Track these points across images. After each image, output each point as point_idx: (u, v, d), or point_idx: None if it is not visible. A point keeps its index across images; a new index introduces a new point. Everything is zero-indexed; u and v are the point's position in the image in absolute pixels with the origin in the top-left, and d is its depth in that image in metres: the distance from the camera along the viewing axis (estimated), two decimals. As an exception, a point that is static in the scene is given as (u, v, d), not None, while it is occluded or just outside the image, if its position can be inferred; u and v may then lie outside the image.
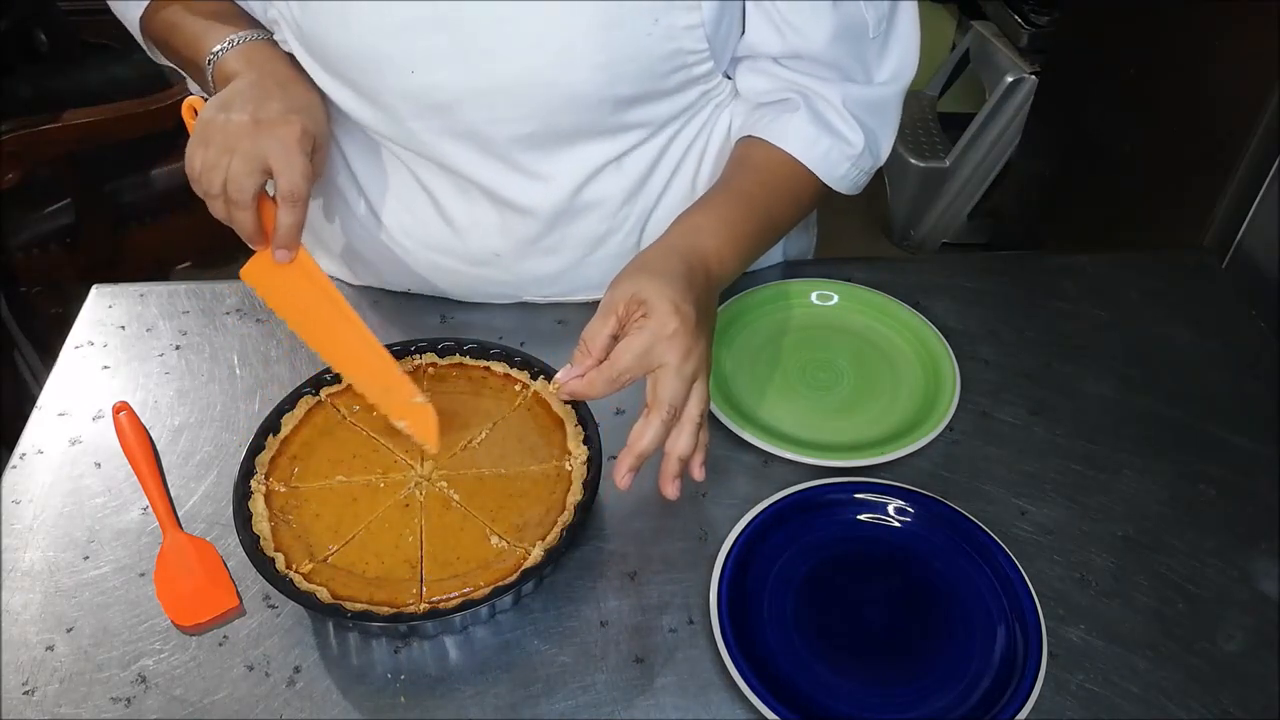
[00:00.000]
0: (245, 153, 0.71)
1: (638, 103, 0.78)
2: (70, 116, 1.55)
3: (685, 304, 0.66)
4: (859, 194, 0.86)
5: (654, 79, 0.76)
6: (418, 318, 0.91)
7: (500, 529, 0.69)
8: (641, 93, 0.77)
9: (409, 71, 0.74)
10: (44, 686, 0.64)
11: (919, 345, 0.88)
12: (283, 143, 0.72)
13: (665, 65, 0.76)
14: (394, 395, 0.74)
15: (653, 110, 0.80)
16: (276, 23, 0.79)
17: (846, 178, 0.83)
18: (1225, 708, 0.63)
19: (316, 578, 0.65)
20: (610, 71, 0.73)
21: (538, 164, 0.80)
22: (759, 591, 0.69)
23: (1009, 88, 2.13)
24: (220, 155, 0.72)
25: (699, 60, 0.77)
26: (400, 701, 0.63)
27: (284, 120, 0.73)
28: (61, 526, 0.73)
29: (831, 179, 0.82)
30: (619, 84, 0.75)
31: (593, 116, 0.77)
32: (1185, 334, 0.91)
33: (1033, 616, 0.66)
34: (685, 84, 0.79)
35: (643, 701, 0.63)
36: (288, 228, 0.73)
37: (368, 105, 0.78)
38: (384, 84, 0.76)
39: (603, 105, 0.76)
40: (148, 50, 0.90)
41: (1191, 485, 0.77)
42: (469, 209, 0.84)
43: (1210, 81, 1.44)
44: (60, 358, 0.88)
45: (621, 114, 0.78)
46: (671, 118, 0.82)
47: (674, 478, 0.65)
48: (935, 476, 0.77)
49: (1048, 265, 0.99)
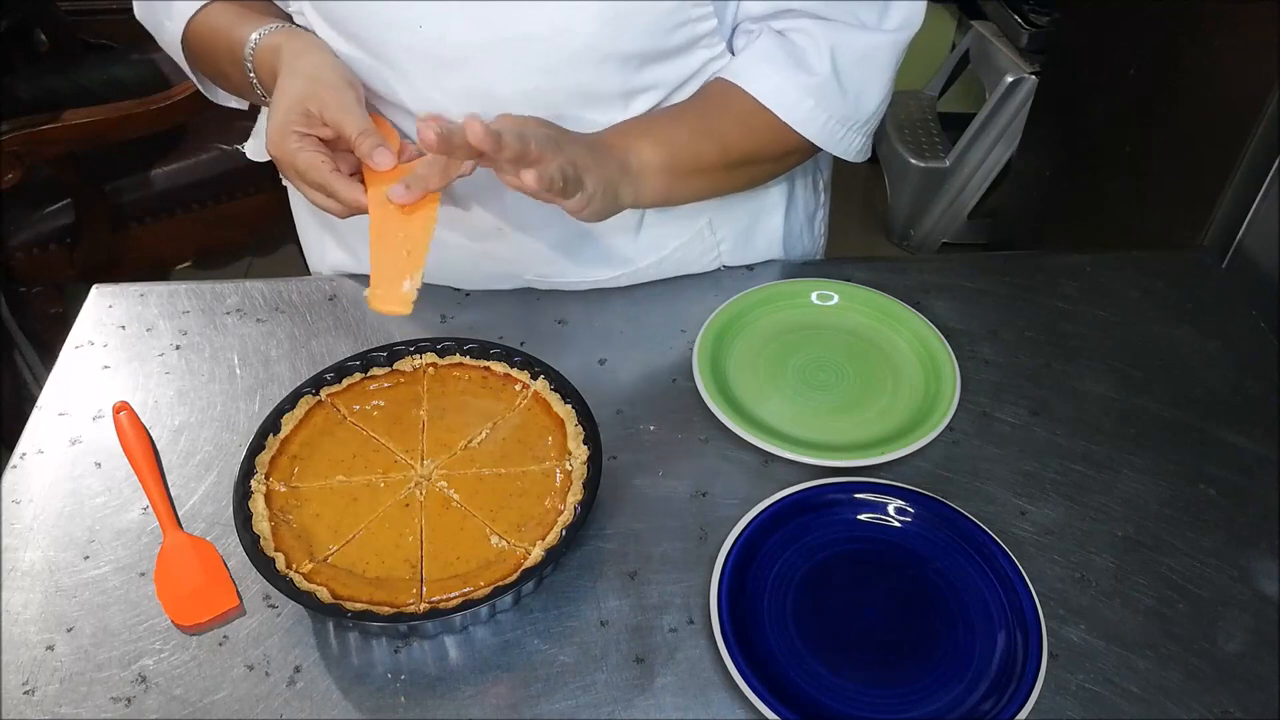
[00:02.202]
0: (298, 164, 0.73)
1: (643, 63, 0.78)
2: (70, 116, 1.55)
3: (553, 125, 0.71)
4: (859, 194, 0.86)
5: (658, 34, 0.77)
6: (418, 317, 0.91)
7: (500, 529, 0.69)
8: (646, 49, 0.77)
9: (417, 26, 0.75)
10: (44, 686, 0.64)
11: (919, 345, 0.88)
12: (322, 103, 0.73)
13: (669, 19, 0.76)
14: (392, 282, 0.73)
15: (657, 73, 0.80)
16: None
17: (814, 119, 0.82)
18: (1225, 708, 0.63)
19: (316, 577, 0.65)
20: (613, 24, 0.74)
21: None
22: (759, 591, 0.69)
23: (1009, 88, 2.13)
24: (295, 177, 0.74)
25: (702, 16, 0.78)
26: (400, 701, 0.63)
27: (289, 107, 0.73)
28: (61, 526, 0.73)
29: (794, 118, 0.81)
30: (622, 38, 0.76)
31: (597, 75, 0.78)
32: (1185, 334, 0.91)
33: (1033, 616, 0.66)
34: (689, 43, 0.79)
35: (643, 701, 0.63)
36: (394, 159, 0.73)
37: (379, 65, 0.79)
38: (393, 39, 0.76)
39: (607, 62, 0.77)
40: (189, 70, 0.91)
41: (1191, 485, 0.77)
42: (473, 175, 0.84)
43: (1210, 81, 1.44)
44: (60, 358, 0.88)
45: (627, 75, 0.78)
46: (675, 87, 0.82)
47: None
48: (935, 476, 0.77)
49: (1048, 265, 0.99)
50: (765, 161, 0.87)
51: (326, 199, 0.74)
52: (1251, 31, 1.33)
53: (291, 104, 0.73)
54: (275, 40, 0.78)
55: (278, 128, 0.73)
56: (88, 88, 1.69)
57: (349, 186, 0.73)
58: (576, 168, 0.71)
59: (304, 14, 0.81)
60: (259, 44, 0.79)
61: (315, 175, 0.73)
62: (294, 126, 0.73)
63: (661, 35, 0.77)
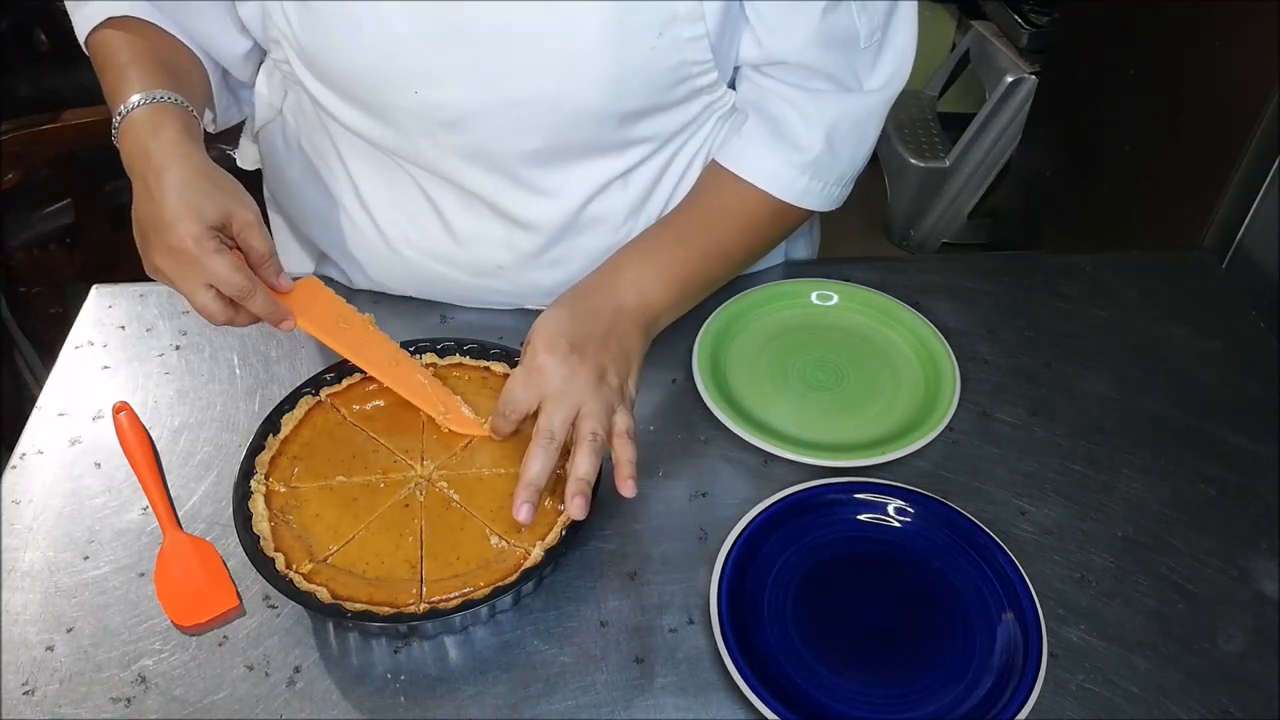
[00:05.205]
0: (188, 283, 0.69)
1: (644, 116, 0.78)
2: (70, 116, 1.55)
3: (560, 336, 0.70)
4: (859, 194, 0.86)
5: (660, 91, 0.76)
6: (418, 318, 0.91)
7: (500, 529, 0.69)
8: (648, 105, 0.77)
9: (413, 91, 0.74)
10: (44, 686, 0.64)
11: (919, 345, 0.88)
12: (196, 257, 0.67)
13: (671, 77, 0.76)
14: (451, 416, 0.76)
15: (658, 124, 0.80)
16: (277, 41, 0.77)
17: (810, 191, 0.82)
18: (1225, 708, 0.63)
19: (316, 578, 0.65)
20: (618, 85, 0.73)
21: (544, 180, 0.80)
22: (759, 592, 0.69)
23: (1009, 88, 2.13)
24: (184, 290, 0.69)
25: (703, 71, 0.77)
26: (400, 701, 0.63)
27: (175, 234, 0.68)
28: (61, 526, 0.73)
29: (790, 195, 0.82)
30: (626, 97, 0.75)
31: (600, 131, 0.77)
32: (1185, 334, 0.91)
33: (1033, 617, 0.66)
34: (690, 95, 0.79)
35: (643, 701, 0.63)
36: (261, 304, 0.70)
37: (372, 121, 0.78)
38: (389, 101, 0.75)
39: (610, 119, 0.76)
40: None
41: (1191, 485, 0.77)
42: (474, 222, 0.84)
43: (1210, 81, 1.44)
44: (60, 358, 0.88)
45: (628, 128, 0.78)
46: (676, 131, 0.82)
47: (577, 495, 0.65)
48: (935, 476, 0.77)
49: (1048, 265, 0.99)
50: (767, 247, 0.89)
51: (216, 303, 0.69)
52: (1251, 31, 1.33)
53: (214, 208, 0.68)
54: (153, 118, 0.73)
55: (199, 226, 0.67)
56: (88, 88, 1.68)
57: (267, 295, 0.70)
58: (565, 387, 0.68)
59: (289, 63, 0.78)
60: (135, 112, 0.74)
61: (241, 279, 0.68)
62: (215, 231, 0.68)
63: (663, 91, 0.77)
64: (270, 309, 0.71)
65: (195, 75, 0.83)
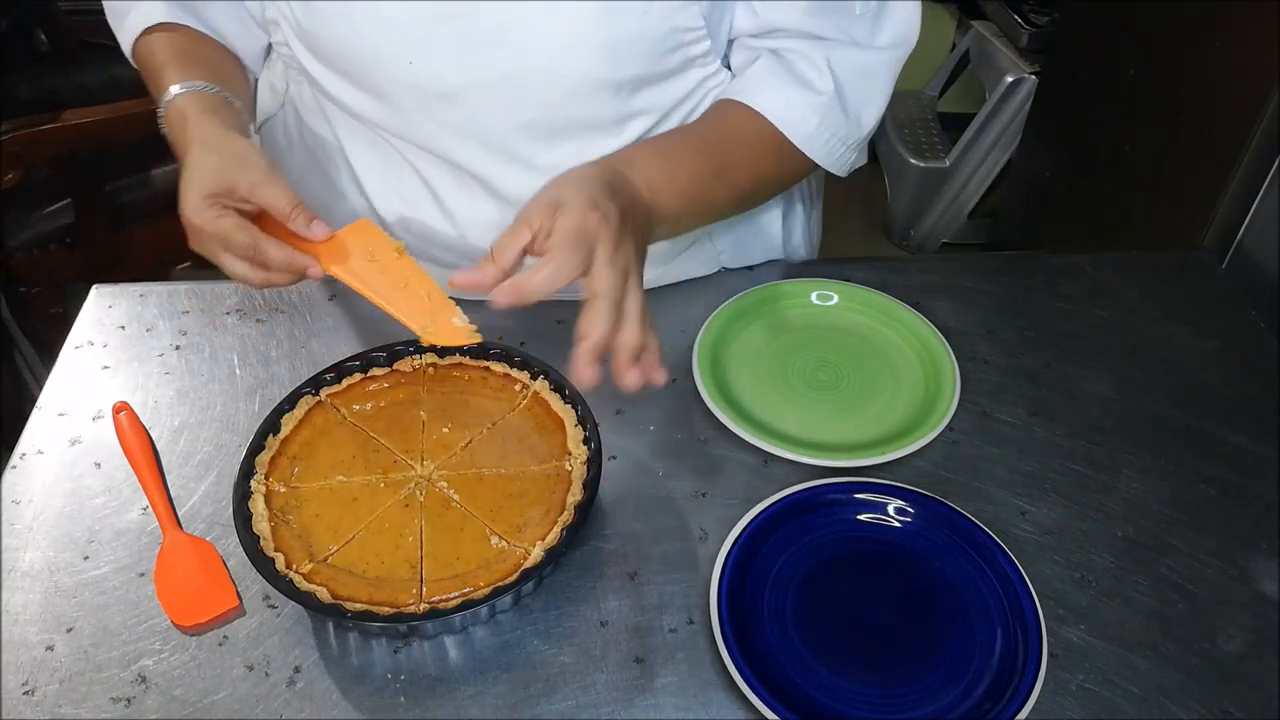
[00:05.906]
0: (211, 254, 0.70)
1: (639, 87, 0.78)
2: (70, 116, 1.55)
3: (605, 200, 0.64)
4: (859, 194, 0.86)
5: (654, 59, 0.76)
6: (418, 318, 0.91)
7: (500, 529, 0.69)
8: (642, 74, 0.77)
9: (407, 62, 0.74)
10: (44, 686, 0.64)
11: (919, 345, 0.88)
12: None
13: (664, 44, 0.76)
14: (434, 329, 0.71)
15: (653, 96, 0.80)
16: (276, 23, 0.79)
17: (816, 137, 0.81)
18: (1225, 708, 0.63)
19: (316, 578, 0.65)
20: (612, 54, 0.74)
21: (540, 156, 0.80)
22: (759, 591, 0.69)
23: (1009, 88, 2.13)
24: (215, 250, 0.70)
25: (696, 39, 0.77)
26: (400, 701, 0.63)
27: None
28: (61, 526, 0.73)
29: (799, 136, 0.81)
30: (620, 66, 0.75)
31: (595, 104, 0.77)
32: (1185, 334, 0.91)
33: (1033, 616, 0.66)
34: (684, 65, 0.79)
35: (643, 701, 0.63)
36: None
37: (369, 98, 0.78)
38: (385, 75, 0.76)
39: (604, 90, 0.76)
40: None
41: (1191, 485, 0.77)
42: (469, 203, 0.84)
43: (1210, 81, 1.44)
44: (60, 358, 0.88)
45: (624, 100, 0.78)
46: (671, 107, 0.82)
47: (629, 368, 0.63)
48: (935, 476, 0.77)
49: (1048, 265, 0.99)
50: (768, 189, 0.87)
51: (246, 267, 0.69)
52: (1251, 31, 1.33)
53: (215, 177, 0.69)
54: (183, 106, 0.75)
55: (197, 196, 0.68)
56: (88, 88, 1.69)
57: (280, 246, 0.69)
58: (615, 251, 0.65)
59: (288, 45, 0.80)
60: (171, 103, 0.76)
61: (245, 236, 0.68)
62: (217, 199, 0.68)
63: (656, 60, 0.77)
64: (287, 260, 0.69)
65: (229, 67, 0.85)
